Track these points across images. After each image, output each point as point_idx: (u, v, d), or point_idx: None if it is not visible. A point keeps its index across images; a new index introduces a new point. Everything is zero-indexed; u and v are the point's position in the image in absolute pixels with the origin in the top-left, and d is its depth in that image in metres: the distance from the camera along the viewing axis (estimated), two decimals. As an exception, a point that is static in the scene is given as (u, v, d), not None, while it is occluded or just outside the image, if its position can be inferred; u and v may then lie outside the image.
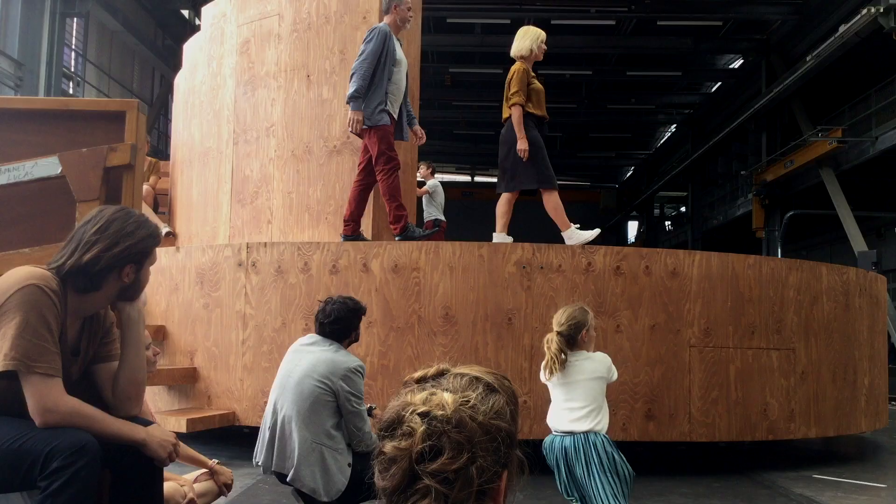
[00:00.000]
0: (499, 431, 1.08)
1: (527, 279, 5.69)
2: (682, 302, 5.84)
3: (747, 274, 6.06)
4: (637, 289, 5.75)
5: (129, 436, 2.38)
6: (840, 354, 6.55)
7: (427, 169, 11.08)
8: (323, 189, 6.85)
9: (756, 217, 23.26)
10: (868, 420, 6.89)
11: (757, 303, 6.06)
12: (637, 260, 5.80)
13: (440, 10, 21.06)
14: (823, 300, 6.46)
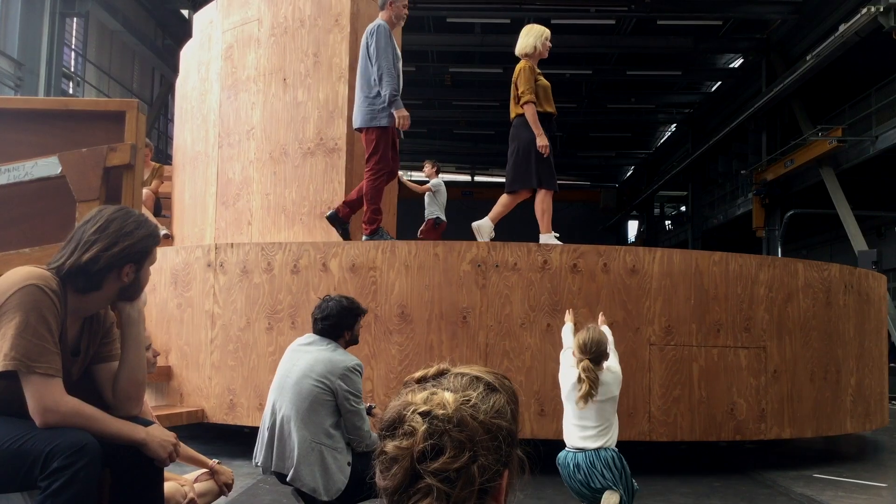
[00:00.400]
0: (500, 430, 1.08)
1: (482, 277, 5.70)
2: (641, 299, 5.77)
3: (713, 271, 5.95)
4: (595, 287, 5.73)
5: (130, 436, 2.38)
6: (820, 353, 6.37)
7: (432, 168, 11.08)
8: (298, 190, 6.92)
9: (756, 216, 23.26)
10: (855, 421, 6.67)
11: (723, 300, 5.95)
12: (595, 258, 5.76)
13: (440, 9, 21.06)
14: (800, 297, 6.30)
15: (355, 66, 6.59)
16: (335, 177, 6.70)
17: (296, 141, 6.92)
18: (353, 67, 6.63)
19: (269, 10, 7.24)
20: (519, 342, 5.64)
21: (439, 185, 10.91)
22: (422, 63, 25.31)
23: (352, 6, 6.72)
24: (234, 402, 5.97)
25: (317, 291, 5.77)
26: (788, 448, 7.38)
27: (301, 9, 7.04)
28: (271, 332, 5.92)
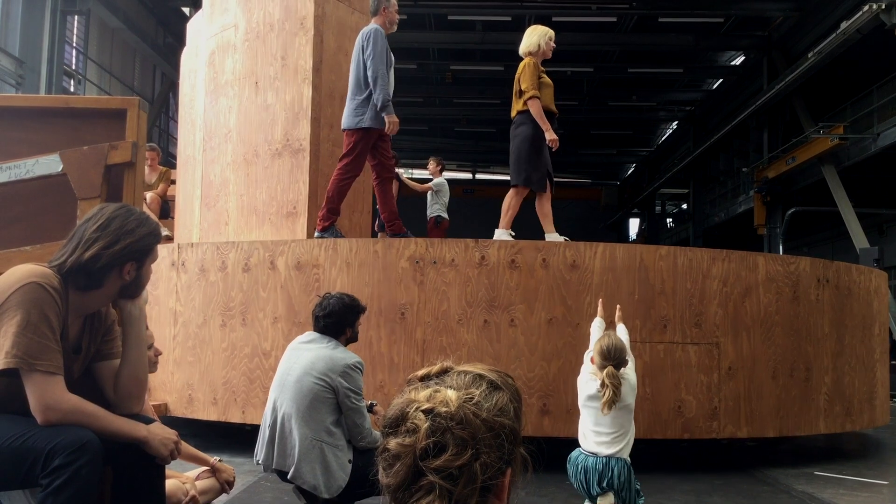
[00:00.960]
0: (502, 428, 1.08)
1: (420, 274, 5.73)
2: (582, 295, 5.69)
3: (659, 265, 5.82)
4: (533, 282, 5.68)
5: (131, 433, 2.38)
6: (785, 350, 6.13)
7: (436, 166, 11.05)
8: (267, 191, 7.00)
9: (757, 214, 23.23)
10: (832, 421, 6.39)
11: (671, 295, 5.82)
12: (533, 253, 5.72)
13: (441, 7, 21.05)
14: (760, 292, 6.07)
15: (319, 67, 6.71)
16: (300, 177, 6.77)
17: (265, 143, 7.03)
18: (318, 69, 6.73)
19: (243, 15, 7.36)
20: (456, 338, 5.65)
21: (442, 183, 10.89)
22: (423, 60, 25.30)
23: (316, 9, 6.77)
24: (192, 397, 6.12)
25: (265, 289, 5.95)
26: (789, 446, 7.38)
27: (271, 13, 7.13)
28: (224, 329, 6.08)
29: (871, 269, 7.31)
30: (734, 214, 26.38)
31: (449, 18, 22.19)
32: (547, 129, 6.35)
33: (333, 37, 6.87)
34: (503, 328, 5.64)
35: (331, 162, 6.77)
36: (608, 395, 3.63)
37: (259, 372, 5.88)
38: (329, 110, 6.81)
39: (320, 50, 6.77)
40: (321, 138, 6.73)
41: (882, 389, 7.20)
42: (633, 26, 22.76)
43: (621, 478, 3.66)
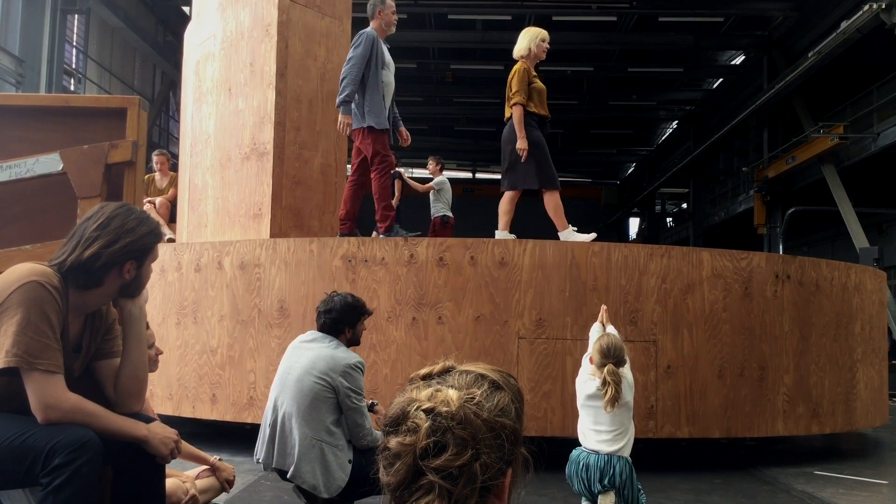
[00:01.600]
0: (503, 429, 1.08)
1: (352, 272, 5.81)
2: (510, 292, 5.66)
3: (591, 262, 5.74)
4: (461, 280, 5.67)
5: (131, 432, 2.38)
6: (734, 348, 5.95)
7: (436, 165, 11.04)
8: (237, 193, 7.12)
9: (757, 213, 23.24)
10: (793, 423, 6.15)
11: (604, 292, 5.71)
12: (461, 251, 5.71)
13: (441, 6, 21.04)
14: (704, 288, 5.90)
15: (284, 72, 6.83)
16: (264, 179, 6.87)
17: (237, 147, 7.16)
18: (282, 74, 6.85)
19: (220, 25, 7.51)
20: (385, 335, 5.69)
21: (443, 182, 10.88)
22: (423, 60, 25.29)
23: (280, 15, 6.87)
24: (151, 392, 6.21)
25: (213, 288, 6.11)
26: (788, 445, 7.38)
27: (241, 21, 7.27)
28: (179, 327, 6.25)
29: (850, 265, 6.98)
30: (734, 214, 26.39)
31: (449, 17, 22.17)
32: (521, 138, 6.34)
33: (300, 42, 6.98)
34: (431, 326, 5.67)
35: (297, 164, 6.91)
36: (610, 393, 3.64)
37: (207, 368, 6.05)
38: (295, 114, 6.93)
39: (285, 55, 6.89)
40: (286, 141, 6.84)
41: (867, 390, 6.82)
42: (633, 26, 22.76)
43: (623, 475, 3.66)
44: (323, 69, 7.13)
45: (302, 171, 6.87)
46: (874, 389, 7.01)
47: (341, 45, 7.31)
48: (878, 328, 7.25)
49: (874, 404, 6.99)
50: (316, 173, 6.99)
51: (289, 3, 6.90)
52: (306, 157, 6.85)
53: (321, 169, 6.98)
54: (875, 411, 7.01)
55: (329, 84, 7.16)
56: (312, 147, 6.90)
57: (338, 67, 7.12)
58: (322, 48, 7.12)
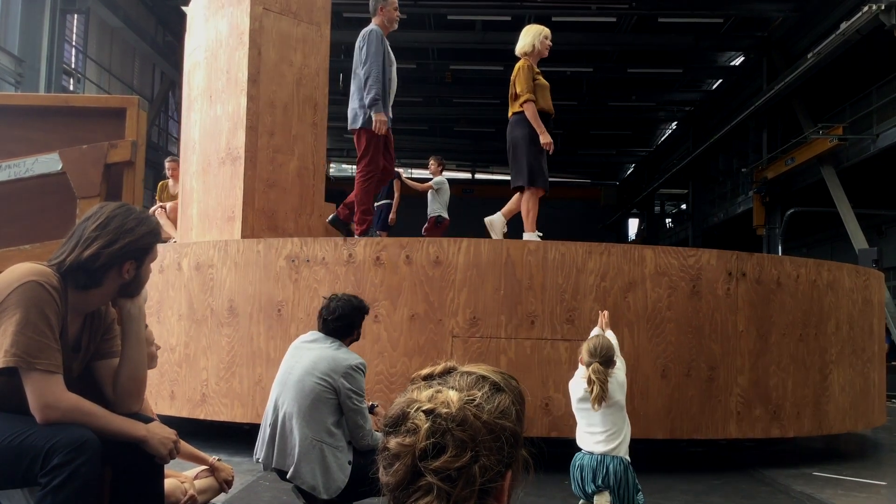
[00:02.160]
0: (503, 431, 1.08)
1: (295, 272, 5.91)
2: (445, 291, 5.67)
3: (527, 260, 5.69)
4: (397, 279, 5.72)
5: (130, 432, 2.38)
6: (680, 348, 5.81)
7: (437, 165, 11.04)
8: (215, 197, 7.22)
9: (756, 214, 23.25)
10: (747, 425, 5.96)
11: (539, 290, 5.66)
12: (397, 250, 5.76)
13: (441, 6, 21.05)
14: (647, 286, 5.79)
15: (255, 78, 6.93)
16: (237, 183, 6.96)
17: (215, 152, 7.29)
18: (254, 80, 6.96)
19: (204, 33, 7.67)
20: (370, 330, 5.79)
21: (442, 182, 10.88)
22: (422, 60, 25.29)
23: (252, 24, 6.95)
24: None
25: (173, 289, 6.26)
26: (788, 446, 7.38)
27: (220, 31, 7.42)
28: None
29: (822, 262, 6.68)
30: (733, 215, 26.40)
31: (448, 18, 22.18)
32: (542, 133, 6.41)
33: (274, 49, 7.09)
34: (367, 324, 5.69)
35: (270, 168, 7.00)
36: (596, 391, 3.66)
37: (167, 366, 6.16)
38: (269, 119, 7.03)
39: (257, 62, 6.98)
40: (259, 146, 6.95)
41: (844, 393, 6.51)
42: (632, 26, 22.77)
43: (616, 475, 3.67)
44: (299, 74, 7.25)
45: (276, 174, 7.00)
46: (854, 392, 6.67)
47: (319, 50, 7.44)
48: (861, 328, 6.87)
49: (854, 407, 6.66)
50: (292, 176, 7.12)
51: (261, 12, 7.03)
52: (281, 161, 7.00)
53: (297, 172, 7.12)
54: (855, 414, 6.68)
55: (305, 88, 7.28)
56: (287, 151, 7.05)
57: (315, 72, 7.32)
58: (298, 54, 7.25)
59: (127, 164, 3.04)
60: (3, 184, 3.04)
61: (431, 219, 10.75)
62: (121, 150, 3.02)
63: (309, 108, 7.19)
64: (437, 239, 6.01)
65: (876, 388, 7.11)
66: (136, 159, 3.06)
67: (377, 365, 5.59)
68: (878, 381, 7.16)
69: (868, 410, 6.92)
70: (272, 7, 7.05)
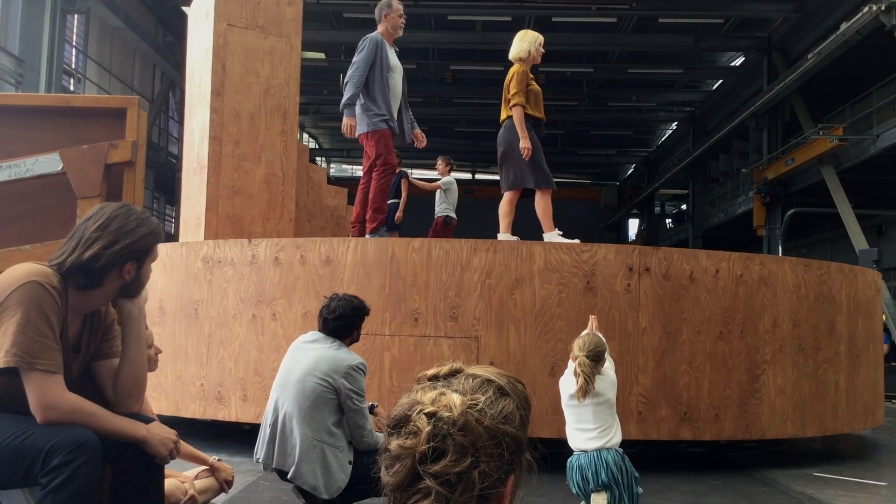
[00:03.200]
0: (505, 436, 1.07)
1: (209, 273, 6.14)
2: (335, 289, 5.68)
3: (412, 258, 5.71)
4: (292, 277, 5.89)
5: (130, 433, 2.38)
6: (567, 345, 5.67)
7: (445, 165, 11.03)
8: (191, 204, 7.58)
9: (757, 215, 23.24)
10: (649, 426, 5.72)
11: (423, 288, 5.67)
12: (293, 250, 5.92)
13: (441, 7, 21.06)
14: (535, 283, 5.67)
15: (219, 91, 7.22)
16: (202, 190, 7.23)
17: (189, 162, 7.68)
18: (218, 93, 7.24)
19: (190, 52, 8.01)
20: (231, 332, 6.00)
21: (451, 182, 10.87)
22: (423, 61, 25.31)
23: (216, 39, 7.23)
24: None
25: None
26: (787, 447, 7.38)
27: (196, 47, 7.79)
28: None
29: (753, 256, 6.33)
30: (734, 215, 26.39)
31: (449, 18, 22.19)
32: (523, 137, 6.44)
33: (239, 62, 7.35)
34: (266, 322, 5.91)
35: (236, 175, 7.24)
36: (580, 383, 3.68)
37: None
38: (234, 129, 7.28)
39: (221, 76, 7.25)
40: (223, 155, 7.22)
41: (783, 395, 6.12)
42: (632, 27, 22.77)
43: (617, 466, 3.69)
44: (267, 85, 7.46)
45: (242, 181, 7.24)
46: (801, 394, 6.23)
47: (289, 61, 7.62)
48: (814, 326, 6.40)
49: (800, 410, 6.23)
50: (259, 183, 7.35)
51: (226, 28, 7.30)
52: (247, 169, 7.26)
53: (265, 178, 7.36)
54: (803, 418, 6.25)
55: (273, 98, 7.49)
56: (254, 159, 7.30)
57: (283, 82, 7.56)
58: (265, 65, 7.48)
59: (127, 165, 3.04)
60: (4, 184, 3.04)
61: (439, 219, 10.73)
62: (121, 151, 3.02)
63: (278, 117, 7.46)
64: (329, 238, 6.14)
65: (841, 390, 6.54)
66: (136, 159, 3.06)
67: (274, 361, 5.76)
68: (845, 383, 6.58)
69: (823, 414, 6.39)
70: (237, 23, 7.34)
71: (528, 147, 6.42)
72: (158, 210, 25.91)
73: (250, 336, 5.92)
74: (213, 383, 5.97)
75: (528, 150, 6.42)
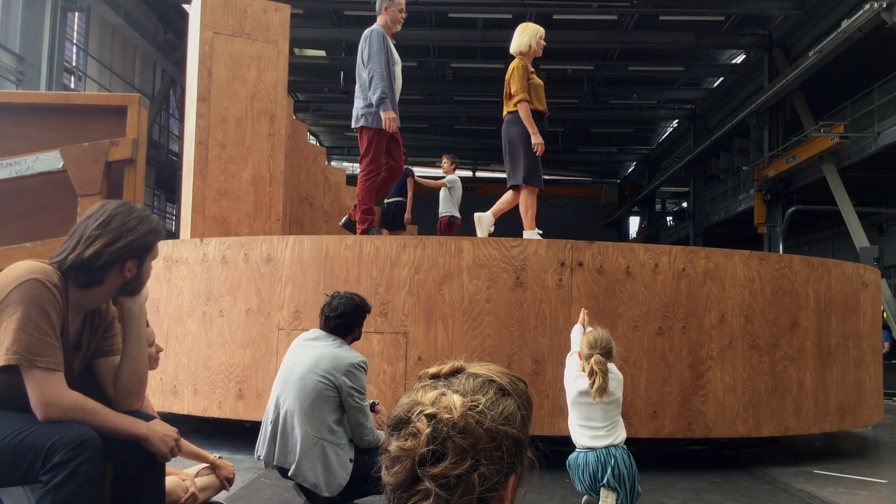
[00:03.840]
0: (505, 438, 1.06)
1: (168, 271, 6.34)
2: (274, 286, 5.94)
3: (344, 255, 5.80)
4: (237, 275, 6.06)
5: (131, 430, 2.38)
6: (500, 341, 5.64)
7: (450, 164, 11.01)
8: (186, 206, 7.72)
9: (758, 212, 23.22)
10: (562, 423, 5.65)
11: (355, 284, 5.70)
12: (238, 249, 6.07)
13: (442, 4, 21.03)
14: (464, 279, 5.68)
15: (206, 97, 7.40)
16: (188, 193, 7.46)
17: (187, 162, 7.84)
18: (204, 99, 7.43)
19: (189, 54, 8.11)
20: (185, 328, 6.20)
21: (455, 181, 10.86)
22: (423, 58, 25.27)
23: (202, 47, 7.44)
24: None
25: None
26: (788, 445, 7.39)
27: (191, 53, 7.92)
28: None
29: (698, 249, 6.15)
30: (734, 213, 26.36)
31: (450, 16, 22.16)
32: (533, 133, 6.46)
33: (225, 68, 7.55)
34: (214, 318, 6.08)
35: (222, 178, 7.42)
36: (598, 382, 3.68)
37: None
38: (220, 133, 7.48)
39: (207, 82, 7.45)
40: (209, 158, 7.43)
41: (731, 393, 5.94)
42: (633, 24, 22.73)
43: (625, 463, 3.70)
44: (254, 90, 7.62)
45: (228, 183, 7.41)
46: (754, 392, 6.01)
47: (277, 65, 7.75)
48: (772, 322, 6.16)
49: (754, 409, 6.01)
50: (245, 185, 7.50)
51: (212, 36, 7.49)
52: (233, 171, 7.43)
53: (252, 180, 7.52)
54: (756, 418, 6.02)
55: (260, 102, 7.63)
56: (240, 161, 7.46)
57: (270, 87, 7.69)
58: (252, 71, 7.63)
59: (128, 162, 3.04)
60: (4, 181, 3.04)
61: (444, 218, 10.72)
62: (122, 148, 3.02)
63: (264, 120, 7.60)
64: (270, 237, 6.28)
65: (807, 388, 6.28)
66: (137, 157, 3.06)
67: (220, 356, 5.98)
68: (812, 382, 6.31)
69: (783, 413, 6.14)
70: (223, 31, 7.53)
71: (541, 142, 6.45)
72: (159, 208, 25.91)
73: (200, 332, 6.11)
74: (170, 377, 6.18)
75: (541, 146, 6.45)
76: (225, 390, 5.97)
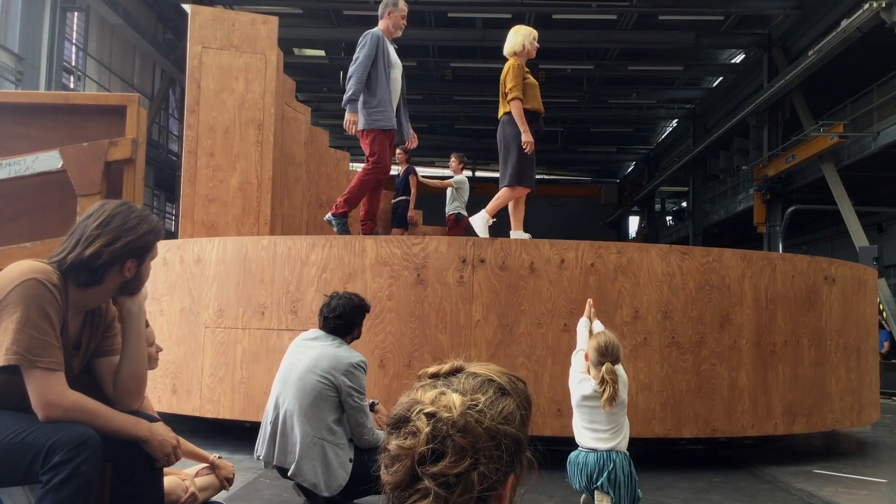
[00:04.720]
0: (505, 437, 1.06)
1: None
2: (203, 286, 6.16)
3: (260, 255, 6.00)
4: (174, 276, 6.30)
5: (132, 431, 2.38)
6: (401, 338, 5.64)
7: (458, 163, 11.00)
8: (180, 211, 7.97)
9: (757, 212, 23.23)
10: None
11: (269, 283, 5.93)
12: (175, 251, 6.31)
13: (441, 4, 21.04)
14: (367, 276, 5.77)
15: (195, 108, 7.58)
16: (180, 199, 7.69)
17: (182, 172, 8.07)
18: (193, 110, 7.60)
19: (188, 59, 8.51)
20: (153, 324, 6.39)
21: (463, 181, 10.84)
22: (423, 58, 25.28)
23: (192, 61, 7.66)
24: None
25: None
26: (788, 444, 7.39)
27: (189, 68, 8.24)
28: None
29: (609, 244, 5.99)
30: (734, 212, 26.38)
31: (449, 16, 22.17)
32: (524, 132, 6.46)
33: (214, 80, 7.71)
34: (156, 317, 6.24)
35: (211, 185, 7.61)
36: (609, 392, 3.64)
37: None
38: (209, 142, 7.67)
39: (196, 94, 7.67)
40: (198, 166, 7.62)
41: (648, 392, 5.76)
42: (633, 24, 22.74)
43: (623, 469, 3.69)
44: (241, 100, 7.78)
45: (216, 189, 7.58)
46: (675, 391, 5.81)
47: (264, 75, 7.88)
48: (698, 319, 5.94)
49: (675, 409, 5.81)
50: (233, 191, 7.67)
51: (200, 50, 7.69)
52: (221, 178, 7.61)
53: (239, 186, 7.69)
54: (677, 418, 5.81)
55: (248, 112, 7.77)
56: (228, 168, 7.65)
57: (258, 96, 7.83)
58: (240, 82, 7.80)
59: (127, 162, 3.04)
60: (4, 181, 3.04)
61: (451, 217, 10.70)
62: (121, 148, 3.02)
63: (252, 128, 7.76)
64: (200, 239, 6.43)
65: (741, 388, 5.98)
66: (136, 157, 3.06)
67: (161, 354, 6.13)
68: (749, 381, 6.01)
69: (709, 413, 5.89)
70: (211, 45, 7.75)
71: (531, 141, 6.44)
72: (158, 208, 25.91)
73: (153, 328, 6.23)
74: None
75: (530, 144, 6.44)
76: (163, 385, 6.19)
